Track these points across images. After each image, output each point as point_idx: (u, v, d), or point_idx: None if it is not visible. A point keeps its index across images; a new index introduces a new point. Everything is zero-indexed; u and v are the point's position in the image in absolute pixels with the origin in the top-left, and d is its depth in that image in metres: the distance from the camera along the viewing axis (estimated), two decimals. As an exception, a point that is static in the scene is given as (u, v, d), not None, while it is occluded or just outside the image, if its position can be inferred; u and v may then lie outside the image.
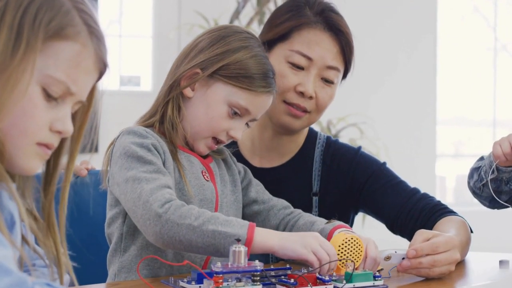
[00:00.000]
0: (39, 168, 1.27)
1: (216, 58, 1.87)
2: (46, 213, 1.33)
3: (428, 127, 6.32)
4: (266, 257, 2.04)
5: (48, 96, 1.23)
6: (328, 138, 2.25)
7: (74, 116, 1.32)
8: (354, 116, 5.14)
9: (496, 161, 2.15)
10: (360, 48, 2.17)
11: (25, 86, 1.19)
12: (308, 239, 1.69)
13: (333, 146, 2.22)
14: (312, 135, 2.24)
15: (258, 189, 2.03)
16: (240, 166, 2.05)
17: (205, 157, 1.95)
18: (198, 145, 1.90)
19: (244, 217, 2.00)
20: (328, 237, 1.84)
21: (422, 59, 6.11)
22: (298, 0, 2.14)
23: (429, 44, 6.24)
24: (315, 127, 2.34)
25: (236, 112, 1.87)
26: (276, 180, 2.17)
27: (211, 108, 1.86)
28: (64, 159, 1.34)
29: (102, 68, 1.30)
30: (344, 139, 5.06)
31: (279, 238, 1.69)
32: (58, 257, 1.32)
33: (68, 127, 1.26)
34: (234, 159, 2.05)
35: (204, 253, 1.69)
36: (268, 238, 1.68)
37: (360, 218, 4.13)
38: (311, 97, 2.07)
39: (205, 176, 1.90)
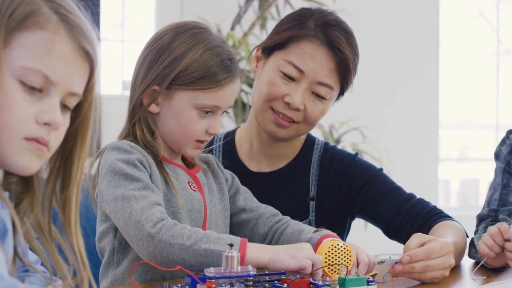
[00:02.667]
0: (36, 166, 1.25)
1: (167, 70, 1.83)
2: (66, 218, 1.32)
3: (431, 131, 6.32)
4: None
5: (30, 89, 1.22)
6: (326, 143, 2.25)
7: (75, 112, 1.30)
8: (356, 120, 5.14)
9: (484, 259, 1.96)
10: (361, 52, 2.14)
11: None
12: (297, 251, 1.69)
13: (330, 152, 2.22)
14: (310, 141, 2.24)
15: (246, 197, 2.02)
16: (228, 173, 2.04)
17: (191, 167, 1.95)
18: (185, 151, 1.90)
19: (232, 225, 2.00)
20: (316, 246, 1.84)
21: (425, 63, 6.11)
22: (305, 11, 2.13)
23: (432, 47, 6.23)
24: (316, 131, 2.34)
25: (207, 111, 1.85)
26: (273, 184, 2.18)
27: (181, 117, 1.85)
28: (76, 163, 1.32)
29: (86, 57, 1.27)
30: (346, 143, 5.06)
31: (270, 253, 1.69)
32: (83, 262, 1.31)
33: (56, 118, 1.24)
34: (221, 166, 2.04)
35: (198, 271, 1.68)
36: (259, 254, 1.69)
37: (362, 223, 4.13)
38: (298, 109, 2.06)
39: (192, 186, 1.90)
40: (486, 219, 2.14)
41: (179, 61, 1.82)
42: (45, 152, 1.25)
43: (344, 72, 2.07)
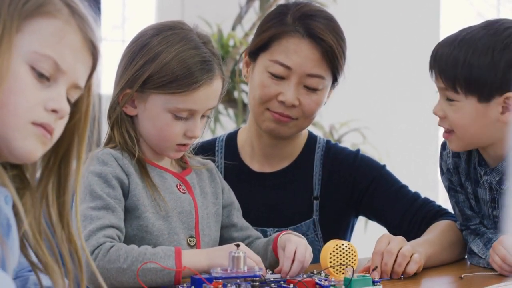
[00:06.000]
0: (39, 152, 1.25)
1: (138, 73, 1.81)
2: (65, 222, 1.32)
3: (431, 132, 6.32)
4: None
5: (39, 76, 1.23)
6: (327, 142, 2.25)
7: (73, 108, 1.30)
8: (356, 121, 5.14)
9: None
10: (362, 53, 2.15)
11: (5, 66, 1.20)
12: None
13: (333, 150, 2.22)
14: (311, 139, 2.24)
15: (239, 215, 2.01)
16: (225, 184, 2.03)
17: (182, 169, 1.95)
18: (167, 153, 1.89)
19: (221, 240, 1.98)
20: (274, 242, 1.87)
21: (425, 64, 6.11)
22: (281, 7, 2.12)
23: (432, 48, 6.23)
24: (317, 131, 2.35)
25: (181, 116, 1.83)
26: (277, 184, 2.18)
27: (156, 120, 1.83)
28: (73, 164, 1.32)
29: (92, 50, 1.29)
30: (346, 144, 5.05)
31: (206, 257, 1.71)
32: (80, 264, 1.31)
33: (64, 106, 1.25)
34: (220, 174, 2.03)
35: None
36: (196, 261, 1.69)
37: (362, 224, 4.13)
38: (293, 106, 2.06)
39: (180, 189, 1.89)
40: (464, 230, 2.13)
41: (150, 64, 1.81)
42: (49, 139, 1.26)
43: (331, 59, 2.06)
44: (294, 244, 1.79)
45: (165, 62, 1.80)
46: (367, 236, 3.68)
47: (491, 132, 1.96)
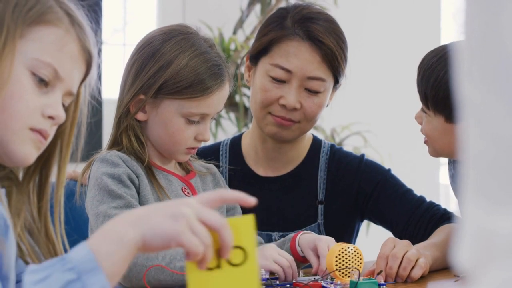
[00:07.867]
0: (33, 156, 1.27)
1: (152, 79, 1.82)
2: (42, 224, 1.33)
3: (432, 135, 6.33)
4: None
5: (39, 82, 1.25)
6: (332, 146, 2.25)
7: (65, 113, 1.31)
8: (358, 124, 5.15)
9: None
10: (363, 56, 2.15)
11: (8, 71, 1.22)
12: (267, 251, 1.73)
13: (337, 155, 2.23)
14: (316, 144, 2.24)
15: None
16: (228, 188, 2.04)
17: (186, 173, 1.96)
18: (177, 157, 1.90)
19: None
20: (292, 240, 1.89)
21: (426, 67, 6.11)
22: (281, 11, 2.12)
23: (433, 52, 6.23)
24: (319, 134, 2.35)
25: (194, 120, 1.85)
26: (282, 188, 2.18)
27: (168, 125, 1.84)
28: (55, 167, 1.34)
29: (88, 58, 1.31)
30: (348, 147, 5.05)
31: None
32: None
33: (60, 113, 1.27)
34: (223, 179, 2.04)
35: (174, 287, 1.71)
36: None
37: (364, 227, 4.13)
38: (295, 109, 2.06)
39: (185, 192, 1.90)
40: None
41: (165, 70, 1.82)
42: (44, 144, 1.28)
43: (332, 61, 2.06)
44: (325, 242, 1.82)
45: (179, 68, 1.82)
46: (369, 239, 3.68)
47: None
